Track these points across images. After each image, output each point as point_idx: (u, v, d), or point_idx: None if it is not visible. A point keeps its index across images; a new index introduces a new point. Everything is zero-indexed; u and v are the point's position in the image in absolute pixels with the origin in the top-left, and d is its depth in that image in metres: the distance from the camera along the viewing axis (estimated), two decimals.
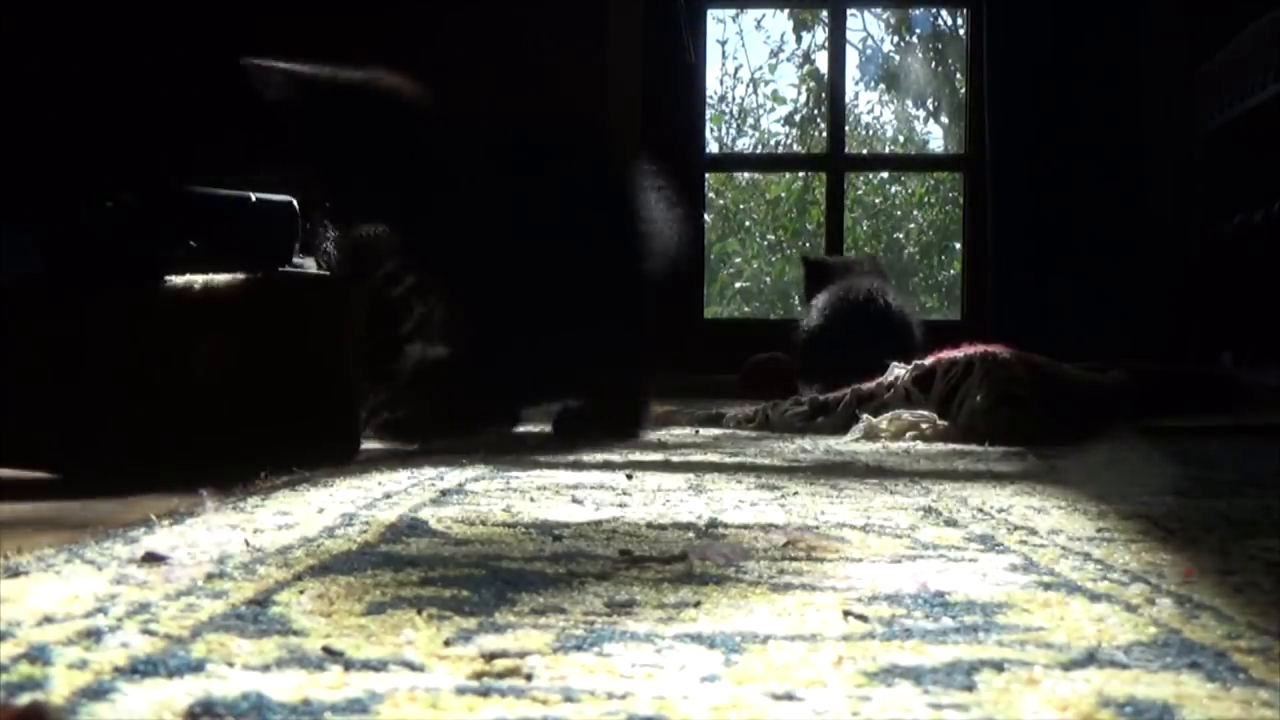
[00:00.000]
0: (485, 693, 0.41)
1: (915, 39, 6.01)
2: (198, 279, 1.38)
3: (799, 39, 6.14)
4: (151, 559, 0.66)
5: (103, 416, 1.31)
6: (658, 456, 1.50)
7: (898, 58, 6.07)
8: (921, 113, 6.21)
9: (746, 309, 5.96)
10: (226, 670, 0.44)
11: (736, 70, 6.32)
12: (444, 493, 1.04)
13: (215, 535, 0.76)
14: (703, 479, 1.19)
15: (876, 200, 6.29)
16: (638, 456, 1.50)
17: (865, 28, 6.07)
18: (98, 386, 1.31)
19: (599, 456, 1.48)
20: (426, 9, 3.31)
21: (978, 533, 0.83)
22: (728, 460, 1.48)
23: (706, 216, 4.44)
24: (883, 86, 6.17)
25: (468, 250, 1.63)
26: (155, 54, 3.00)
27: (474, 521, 0.85)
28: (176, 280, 1.36)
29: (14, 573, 0.61)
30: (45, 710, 0.38)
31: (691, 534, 0.81)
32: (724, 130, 6.23)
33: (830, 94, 4.11)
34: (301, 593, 0.58)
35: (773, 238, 6.18)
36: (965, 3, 4.07)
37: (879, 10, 5.86)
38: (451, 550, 0.72)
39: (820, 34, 5.71)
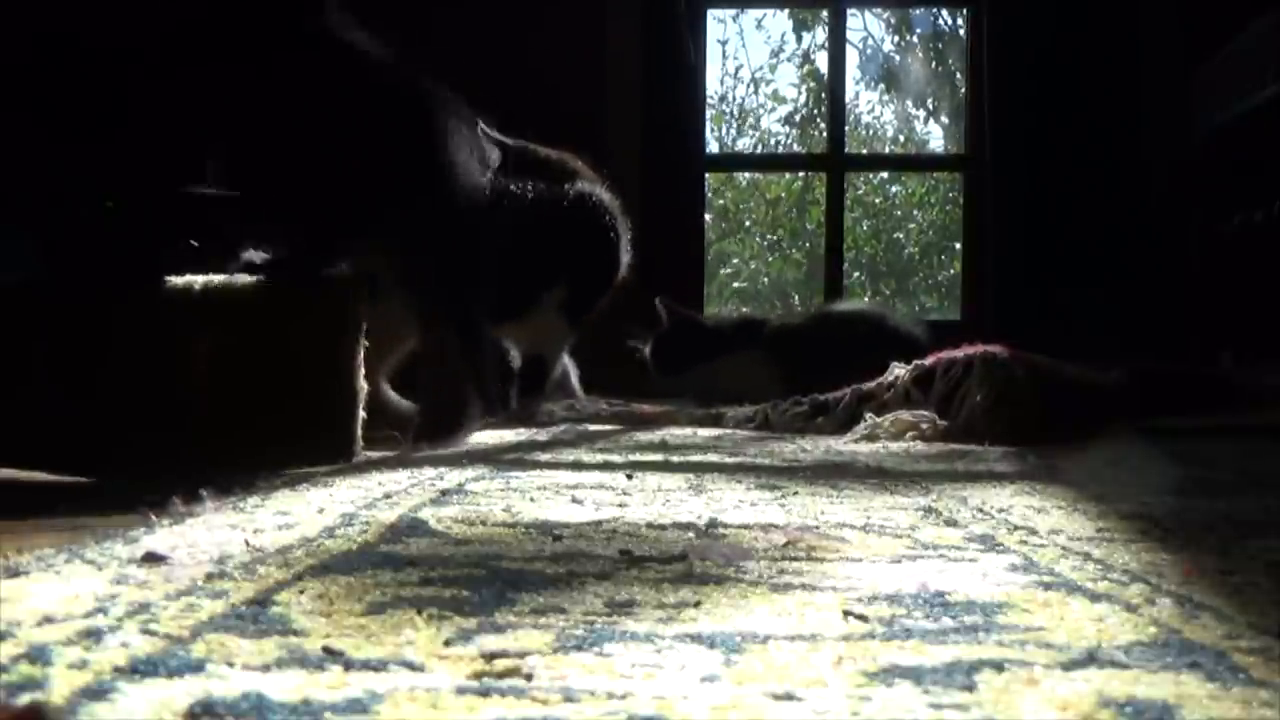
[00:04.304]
0: (485, 693, 0.41)
1: (915, 39, 6.01)
2: (197, 279, 1.38)
3: (799, 39, 6.15)
4: (151, 559, 0.66)
5: (103, 416, 1.31)
6: (658, 456, 1.50)
7: (898, 57, 6.07)
8: (921, 113, 6.21)
9: (745, 309, 5.96)
10: (226, 670, 0.44)
11: (736, 70, 6.34)
12: (444, 493, 1.04)
13: (215, 535, 0.76)
14: (703, 479, 1.19)
15: (876, 200, 6.30)
16: (638, 457, 1.50)
17: (865, 28, 6.08)
18: (97, 387, 1.31)
19: (599, 457, 1.48)
20: (427, 8, 3.31)
21: (978, 533, 0.82)
22: (728, 460, 1.48)
23: (707, 216, 4.43)
24: (883, 86, 6.17)
25: None
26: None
27: (474, 521, 0.85)
28: (176, 280, 1.36)
29: (14, 573, 0.61)
30: (45, 710, 0.38)
31: (691, 534, 0.81)
32: (724, 130, 6.24)
33: (830, 94, 4.11)
34: (301, 593, 0.58)
35: (773, 237, 6.18)
36: (965, 3, 4.07)
37: (879, 10, 5.86)
38: (451, 550, 0.72)
39: (820, 34, 5.72)
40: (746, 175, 6.33)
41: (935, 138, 6.19)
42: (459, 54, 3.36)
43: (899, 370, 2.08)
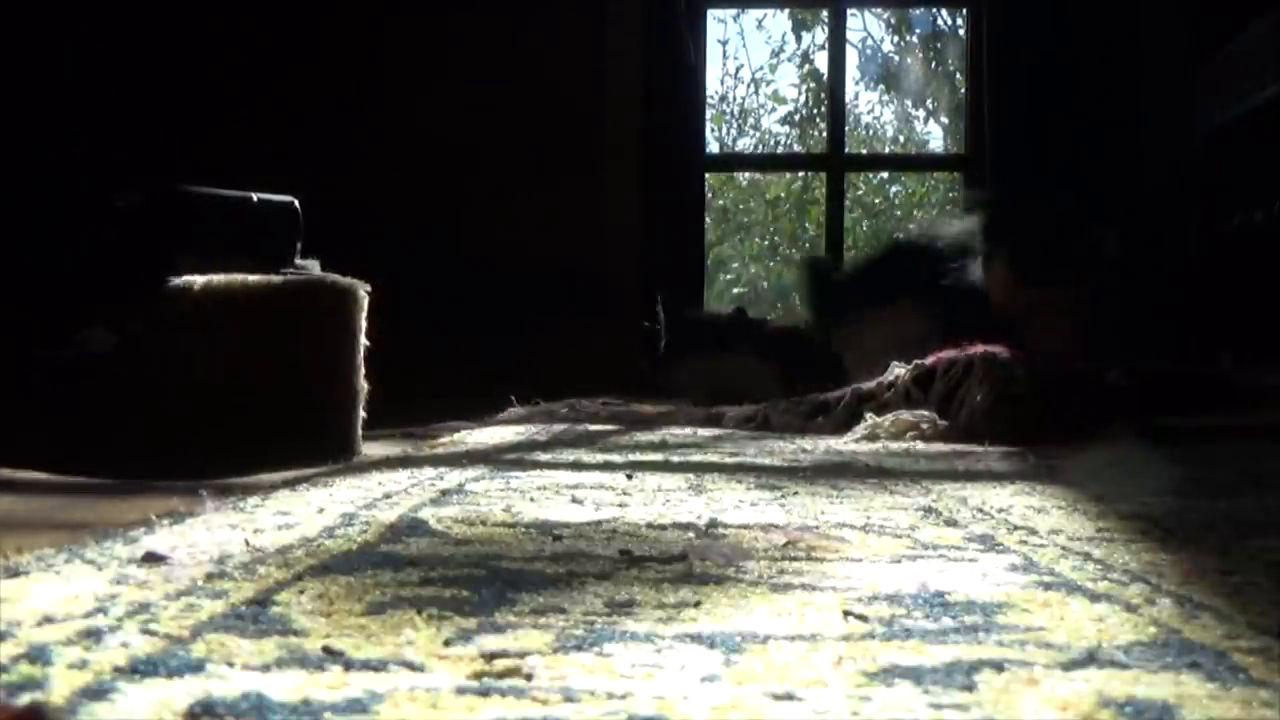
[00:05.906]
0: (485, 693, 0.41)
1: (915, 39, 6.01)
2: (198, 279, 1.38)
3: (799, 39, 6.15)
4: (151, 559, 0.66)
5: (105, 416, 1.31)
6: (658, 456, 1.50)
7: (897, 58, 6.07)
8: (921, 112, 6.21)
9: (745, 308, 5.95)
10: (226, 670, 0.44)
11: (737, 70, 6.34)
12: (444, 493, 1.04)
13: (215, 535, 0.75)
14: (703, 479, 1.19)
15: (876, 200, 6.29)
16: (638, 457, 1.50)
17: (865, 28, 6.07)
18: (100, 386, 1.31)
19: (599, 456, 1.48)
20: (429, 8, 3.30)
21: (978, 533, 0.82)
22: (728, 460, 1.48)
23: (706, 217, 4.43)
24: (883, 86, 6.17)
25: None
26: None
27: (474, 521, 0.85)
28: (178, 280, 1.36)
29: (14, 573, 0.61)
30: (45, 710, 0.38)
31: (691, 534, 0.81)
32: (724, 130, 6.24)
33: (830, 94, 4.11)
34: (301, 593, 0.58)
35: (774, 237, 6.18)
36: (965, 3, 4.07)
37: (879, 10, 5.86)
38: (451, 550, 0.72)
39: (820, 34, 5.71)
40: (746, 175, 6.33)
41: (935, 138, 6.19)
42: (459, 55, 3.36)
43: (899, 370, 2.08)
